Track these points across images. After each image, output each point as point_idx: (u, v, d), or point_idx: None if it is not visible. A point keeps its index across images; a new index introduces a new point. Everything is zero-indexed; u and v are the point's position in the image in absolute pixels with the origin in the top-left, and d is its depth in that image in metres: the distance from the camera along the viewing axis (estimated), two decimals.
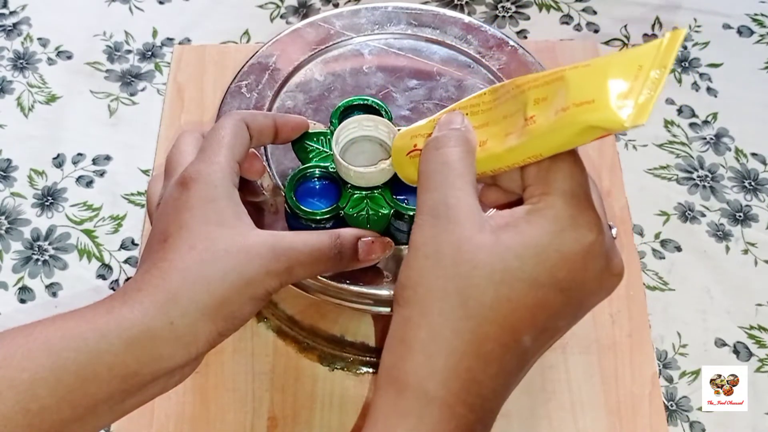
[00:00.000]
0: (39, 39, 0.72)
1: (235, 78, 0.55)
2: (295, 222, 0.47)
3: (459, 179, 0.35)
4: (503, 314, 0.34)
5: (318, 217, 0.46)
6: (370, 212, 0.46)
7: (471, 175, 0.36)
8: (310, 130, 0.49)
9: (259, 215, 0.49)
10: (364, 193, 0.47)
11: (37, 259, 0.61)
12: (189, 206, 0.39)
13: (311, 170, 0.48)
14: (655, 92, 0.31)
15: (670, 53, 0.31)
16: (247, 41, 0.72)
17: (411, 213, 0.46)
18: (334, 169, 0.48)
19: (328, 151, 0.49)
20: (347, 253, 0.42)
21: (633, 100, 0.31)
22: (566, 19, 0.73)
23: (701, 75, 0.70)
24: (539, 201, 0.35)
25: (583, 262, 0.34)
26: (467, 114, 0.38)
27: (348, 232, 0.43)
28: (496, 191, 0.39)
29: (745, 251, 0.61)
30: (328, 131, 0.49)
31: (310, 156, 0.49)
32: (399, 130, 0.45)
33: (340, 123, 0.48)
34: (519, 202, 0.36)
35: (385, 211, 0.46)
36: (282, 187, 0.49)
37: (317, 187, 0.48)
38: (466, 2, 0.75)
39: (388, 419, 0.34)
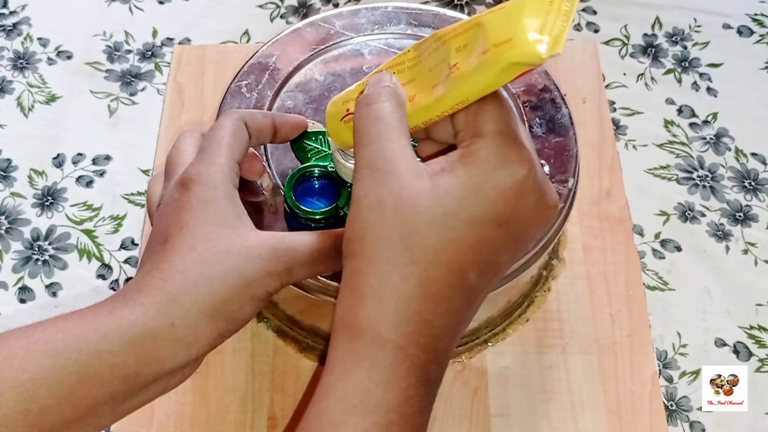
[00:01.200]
0: (39, 39, 0.72)
1: (235, 78, 0.55)
2: (295, 221, 0.47)
3: (393, 132, 0.36)
4: (448, 255, 0.35)
5: (317, 217, 0.46)
6: None
7: (404, 128, 0.37)
8: (309, 130, 0.49)
9: (258, 215, 0.49)
10: None
11: (37, 259, 0.61)
12: (189, 207, 0.39)
13: (310, 170, 0.48)
14: (567, 23, 0.32)
15: None
16: (247, 41, 0.72)
17: None
18: (333, 168, 0.48)
19: (327, 150, 0.49)
20: None
21: (548, 33, 0.32)
22: None
23: (701, 75, 0.70)
24: (471, 143, 0.36)
25: (518, 195, 0.35)
26: (394, 73, 0.39)
27: None
28: (432, 144, 0.40)
29: (745, 251, 0.61)
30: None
31: (309, 155, 0.49)
32: None
33: None
34: (454, 150, 0.38)
35: None
36: (281, 186, 0.49)
37: (316, 186, 0.48)
38: (466, 2, 0.75)
39: (344, 364, 0.35)
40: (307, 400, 0.43)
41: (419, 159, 0.38)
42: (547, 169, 0.42)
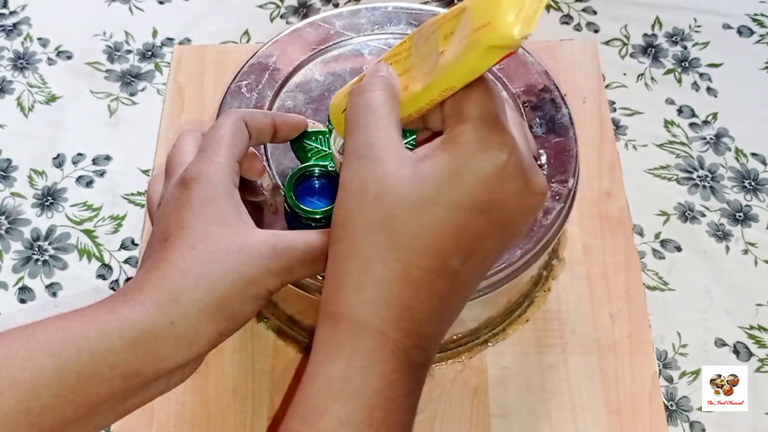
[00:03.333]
0: (39, 39, 0.72)
1: (235, 78, 0.55)
2: (295, 221, 0.47)
3: (381, 120, 0.37)
4: (427, 241, 0.35)
5: (317, 216, 0.46)
6: None
7: (393, 116, 0.37)
8: (309, 129, 0.49)
9: (258, 215, 0.49)
10: None
11: (37, 259, 0.61)
12: (190, 206, 0.39)
13: (310, 169, 0.48)
14: (540, 4, 0.32)
15: None
16: (247, 41, 0.72)
17: None
18: (333, 168, 0.48)
19: (327, 150, 0.49)
20: None
21: (523, 15, 0.32)
22: (566, 19, 0.73)
23: (701, 75, 0.70)
24: (453, 129, 0.36)
25: (498, 181, 0.35)
26: (391, 63, 0.40)
27: None
28: (427, 133, 0.40)
29: (745, 251, 0.61)
30: (327, 130, 0.49)
31: (309, 155, 0.49)
32: None
33: None
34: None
35: None
36: (281, 186, 0.49)
37: (316, 186, 0.49)
38: None
39: (326, 350, 0.36)
40: (294, 388, 0.43)
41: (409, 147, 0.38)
42: (543, 158, 0.42)
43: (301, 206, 0.46)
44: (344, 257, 0.36)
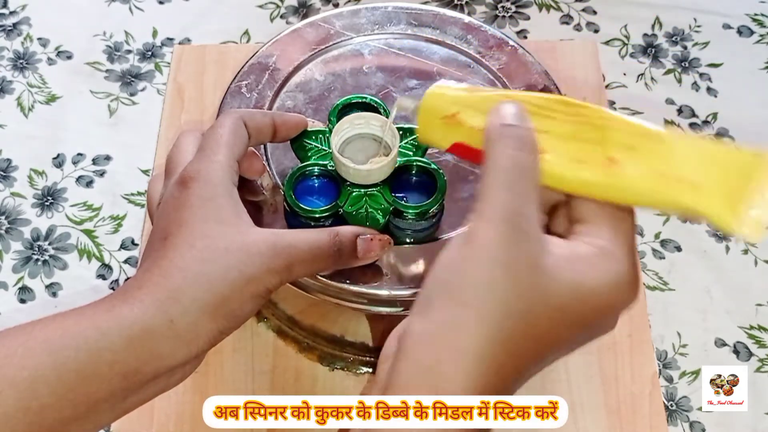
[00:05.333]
0: (39, 39, 0.72)
1: (235, 78, 0.55)
2: (295, 220, 0.47)
3: (534, 192, 0.33)
4: (536, 349, 0.33)
5: (317, 215, 0.46)
6: (369, 210, 0.46)
7: (538, 191, 0.34)
8: (309, 129, 0.49)
9: (258, 214, 0.49)
10: (363, 190, 0.47)
11: (37, 259, 0.61)
12: (189, 205, 0.39)
13: (310, 168, 0.48)
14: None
15: None
16: (247, 41, 0.72)
17: (410, 210, 0.46)
18: (333, 167, 0.48)
19: (327, 149, 0.49)
20: (346, 251, 0.42)
21: (746, 209, 0.30)
22: (566, 19, 0.73)
23: (701, 75, 0.70)
24: (608, 247, 0.33)
25: (615, 315, 0.34)
26: (530, 112, 0.35)
27: (347, 230, 0.43)
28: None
29: (745, 251, 0.61)
30: (327, 129, 0.49)
31: (309, 154, 0.49)
32: (395, 123, 0.45)
33: (338, 121, 0.48)
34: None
35: (384, 209, 0.46)
36: (281, 186, 0.49)
37: (316, 185, 0.49)
38: (466, 2, 0.75)
39: None
40: None
41: None
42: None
43: (301, 205, 0.46)
44: (465, 327, 0.31)
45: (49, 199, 0.64)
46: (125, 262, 0.61)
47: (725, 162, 0.32)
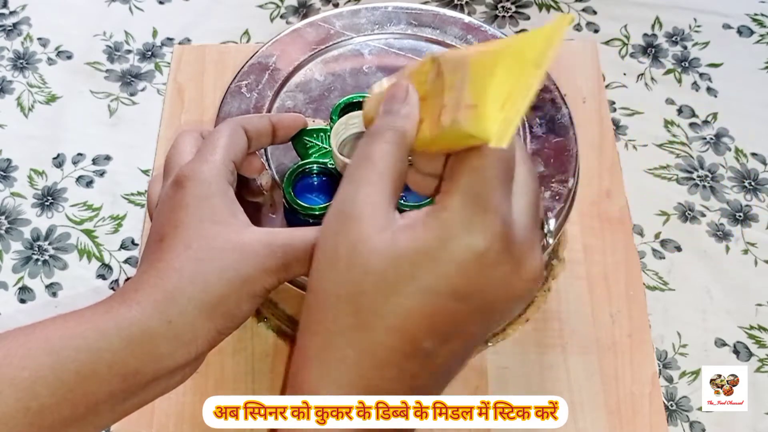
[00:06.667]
0: (39, 39, 0.72)
1: (235, 78, 0.55)
2: (294, 218, 0.47)
3: (376, 175, 0.34)
4: (396, 322, 0.32)
5: (316, 213, 0.46)
6: None
7: (392, 172, 0.34)
8: (309, 127, 0.49)
9: (257, 213, 0.49)
10: None
11: (37, 259, 0.61)
12: (184, 204, 0.39)
13: (309, 166, 0.48)
14: (529, 92, 0.30)
15: (550, 47, 0.30)
16: (247, 41, 0.72)
17: (408, 209, 0.46)
18: (332, 165, 0.48)
19: (327, 147, 0.49)
20: None
21: (508, 108, 0.30)
22: None
23: (701, 75, 0.70)
24: (440, 200, 0.32)
25: (478, 270, 0.31)
26: (417, 82, 0.35)
27: None
28: (422, 177, 0.37)
29: (745, 251, 0.61)
30: (328, 128, 0.49)
31: (310, 152, 0.49)
32: None
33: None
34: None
35: None
36: (280, 184, 0.49)
37: (315, 183, 0.49)
38: (466, 2, 0.75)
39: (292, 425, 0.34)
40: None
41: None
42: (552, 223, 0.39)
43: (300, 202, 0.47)
44: (312, 330, 0.34)
45: (49, 199, 0.64)
46: (125, 262, 0.61)
47: (499, 65, 0.31)
